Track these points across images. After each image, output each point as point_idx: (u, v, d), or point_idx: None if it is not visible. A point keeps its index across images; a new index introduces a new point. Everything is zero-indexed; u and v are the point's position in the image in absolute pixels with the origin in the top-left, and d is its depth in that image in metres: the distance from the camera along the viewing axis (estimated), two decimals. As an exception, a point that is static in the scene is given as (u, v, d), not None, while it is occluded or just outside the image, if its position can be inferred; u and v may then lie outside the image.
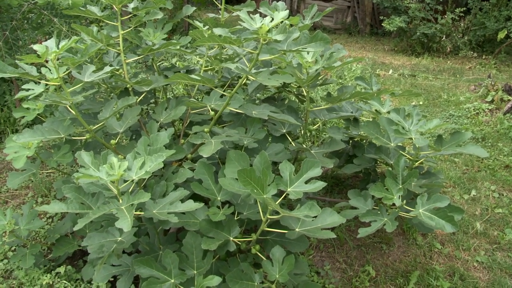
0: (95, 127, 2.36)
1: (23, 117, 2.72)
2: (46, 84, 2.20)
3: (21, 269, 2.58)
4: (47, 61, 2.07)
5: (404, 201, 2.32)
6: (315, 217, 2.03)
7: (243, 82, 2.28)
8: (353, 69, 7.27)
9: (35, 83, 2.34)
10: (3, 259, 2.73)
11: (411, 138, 2.51)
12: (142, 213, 1.92)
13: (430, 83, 7.31)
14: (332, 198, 3.53)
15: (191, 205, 1.92)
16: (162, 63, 6.86)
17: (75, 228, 1.69)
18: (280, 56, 2.31)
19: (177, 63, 6.52)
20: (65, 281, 2.50)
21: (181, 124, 3.09)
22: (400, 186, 2.36)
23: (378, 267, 2.89)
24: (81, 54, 2.24)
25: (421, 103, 6.20)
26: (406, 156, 2.58)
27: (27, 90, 2.27)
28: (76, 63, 2.15)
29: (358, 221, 3.22)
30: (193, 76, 2.23)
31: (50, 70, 2.13)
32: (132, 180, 1.86)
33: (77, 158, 1.90)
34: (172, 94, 4.47)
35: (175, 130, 2.95)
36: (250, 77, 2.19)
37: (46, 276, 2.49)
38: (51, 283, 2.50)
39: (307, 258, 2.90)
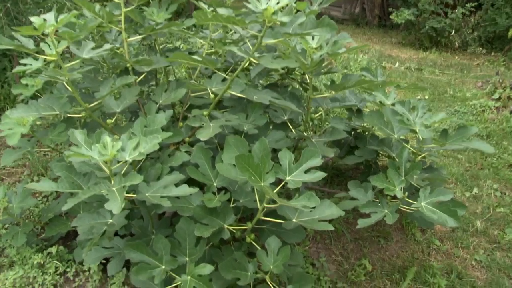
0: (91, 105, 2.29)
1: (22, 94, 2.66)
2: (45, 60, 2.14)
3: (13, 247, 2.54)
4: (44, 35, 2.01)
5: (406, 194, 2.26)
6: (314, 208, 1.98)
7: (246, 65, 2.21)
8: (359, 60, 7.16)
9: (34, 58, 2.27)
10: (-5, 237, 2.70)
11: (415, 131, 2.44)
12: (135, 195, 1.86)
13: (437, 78, 7.20)
14: (332, 189, 3.48)
15: (185, 189, 1.87)
16: (166, 45, 6.76)
17: (64, 208, 1.64)
18: (285, 40, 2.24)
19: (181, 46, 6.43)
20: (56, 262, 2.46)
21: (181, 108, 3.03)
22: (403, 178, 2.30)
23: (374, 261, 2.85)
24: (80, 29, 2.18)
25: (426, 97, 6.11)
26: (409, 148, 2.52)
27: (25, 65, 2.21)
28: (75, 37, 2.09)
29: (356, 213, 3.17)
30: (194, 56, 2.16)
31: (48, 45, 2.06)
32: (126, 161, 1.81)
33: (70, 136, 1.84)
34: (174, 77, 4.40)
35: (175, 113, 2.89)
36: (253, 60, 2.12)
37: (38, 256, 2.45)
38: (42, 262, 2.46)
39: (302, 249, 2.85)
